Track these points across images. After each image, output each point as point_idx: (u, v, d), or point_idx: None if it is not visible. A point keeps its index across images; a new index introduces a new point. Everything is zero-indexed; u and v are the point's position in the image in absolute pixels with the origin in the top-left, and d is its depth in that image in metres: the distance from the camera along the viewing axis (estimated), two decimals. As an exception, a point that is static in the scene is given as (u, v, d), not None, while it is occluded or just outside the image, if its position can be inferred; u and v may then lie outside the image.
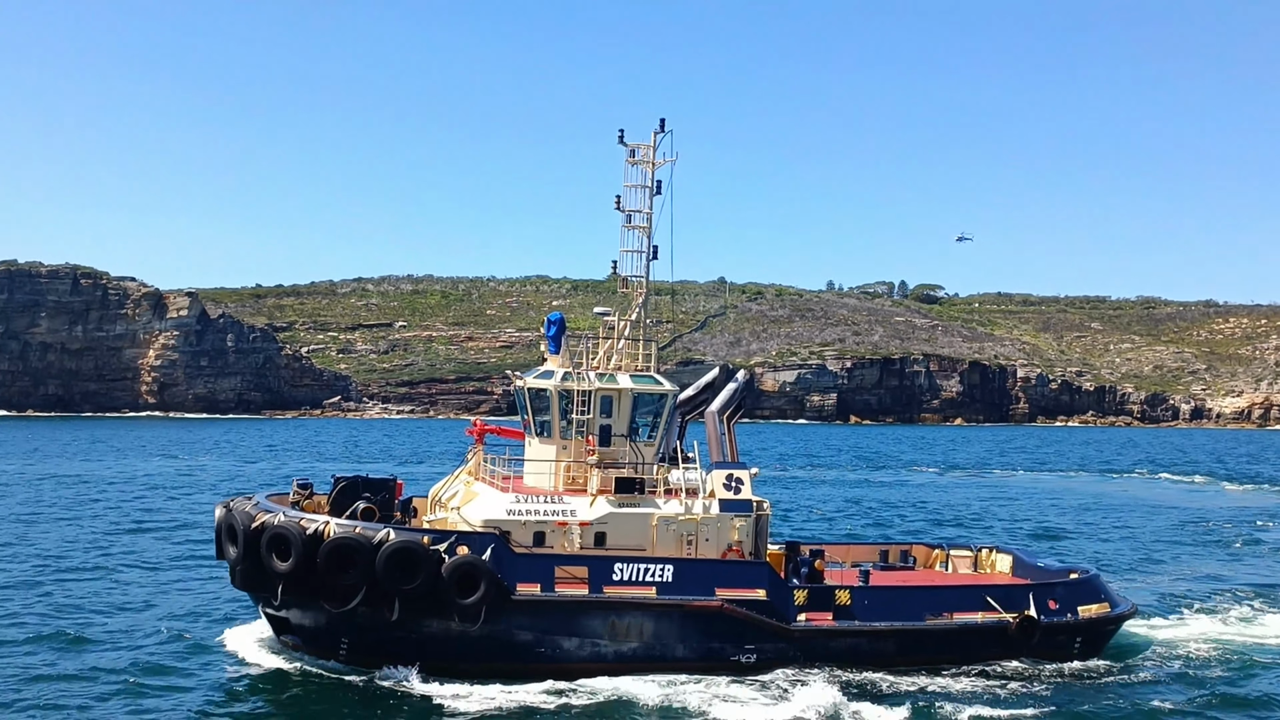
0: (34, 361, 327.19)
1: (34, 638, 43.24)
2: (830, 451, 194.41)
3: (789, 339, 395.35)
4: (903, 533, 79.81)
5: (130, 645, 42.26)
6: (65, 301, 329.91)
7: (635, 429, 43.03)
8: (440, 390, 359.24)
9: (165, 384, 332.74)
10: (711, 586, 40.03)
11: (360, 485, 41.83)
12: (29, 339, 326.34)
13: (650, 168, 44.42)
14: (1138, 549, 76.01)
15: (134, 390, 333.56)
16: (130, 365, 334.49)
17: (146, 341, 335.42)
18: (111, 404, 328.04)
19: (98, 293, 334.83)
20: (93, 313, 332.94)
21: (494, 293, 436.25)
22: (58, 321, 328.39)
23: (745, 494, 42.53)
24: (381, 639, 38.50)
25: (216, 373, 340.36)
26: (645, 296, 44.55)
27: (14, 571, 57.97)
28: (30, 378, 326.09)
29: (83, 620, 47.20)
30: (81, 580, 55.63)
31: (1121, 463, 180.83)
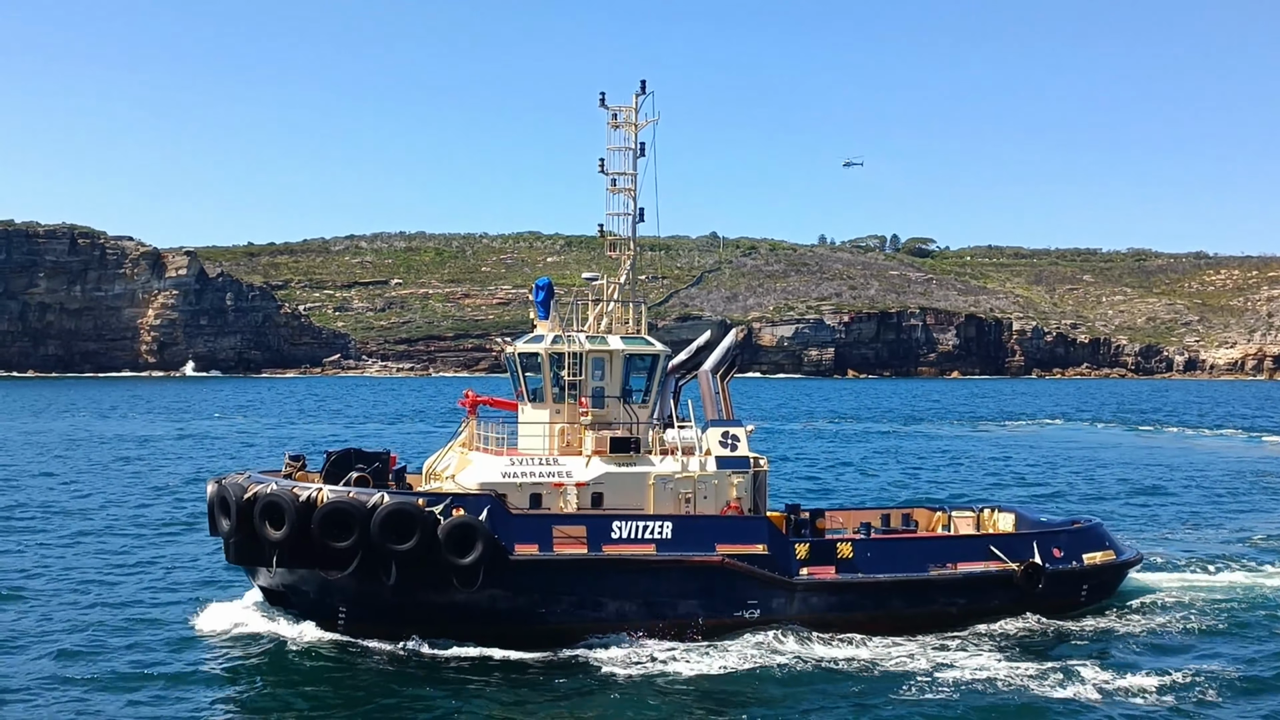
0: (33, 322, 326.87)
1: (20, 609, 42.87)
2: (867, 409, 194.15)
3: (785, 294, 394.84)
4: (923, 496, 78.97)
5: (121, 619, 41.80)
6: (63, 261, 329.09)
7: (628, 390, 42.63)
8: (439, 348, 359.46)
9: (165, 343, 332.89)
10: (711, 542, 39.70)
11: (354, 457, 41.39)
12: (28, 299, 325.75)
13: (633, 130, 43.83)
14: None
15: (133, 350, 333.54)
16: (129, 325, 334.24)
17: (145, 301, 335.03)
18: (111, 364, 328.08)
19: (95, 252, 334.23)
20: (91, 272, 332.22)
21: (488, 249, 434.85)
22: (56, 281, 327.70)
23: (742, 451, 42.26)
24: (379, 606, 38.16)
25: (216, 332, 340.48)
26: (633, 259, 44.02)
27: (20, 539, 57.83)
28: (30, 338, 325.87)
29: (73, 590, 46.96)
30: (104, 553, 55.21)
31: (1190, 417, 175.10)
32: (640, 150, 43.77)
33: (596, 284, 44.16)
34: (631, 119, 43.81)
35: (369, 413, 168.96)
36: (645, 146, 43.76)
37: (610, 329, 43.29)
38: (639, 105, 43.84)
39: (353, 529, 36.68)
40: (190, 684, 34.81)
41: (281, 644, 38.25)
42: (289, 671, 36.06)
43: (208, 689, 34.50)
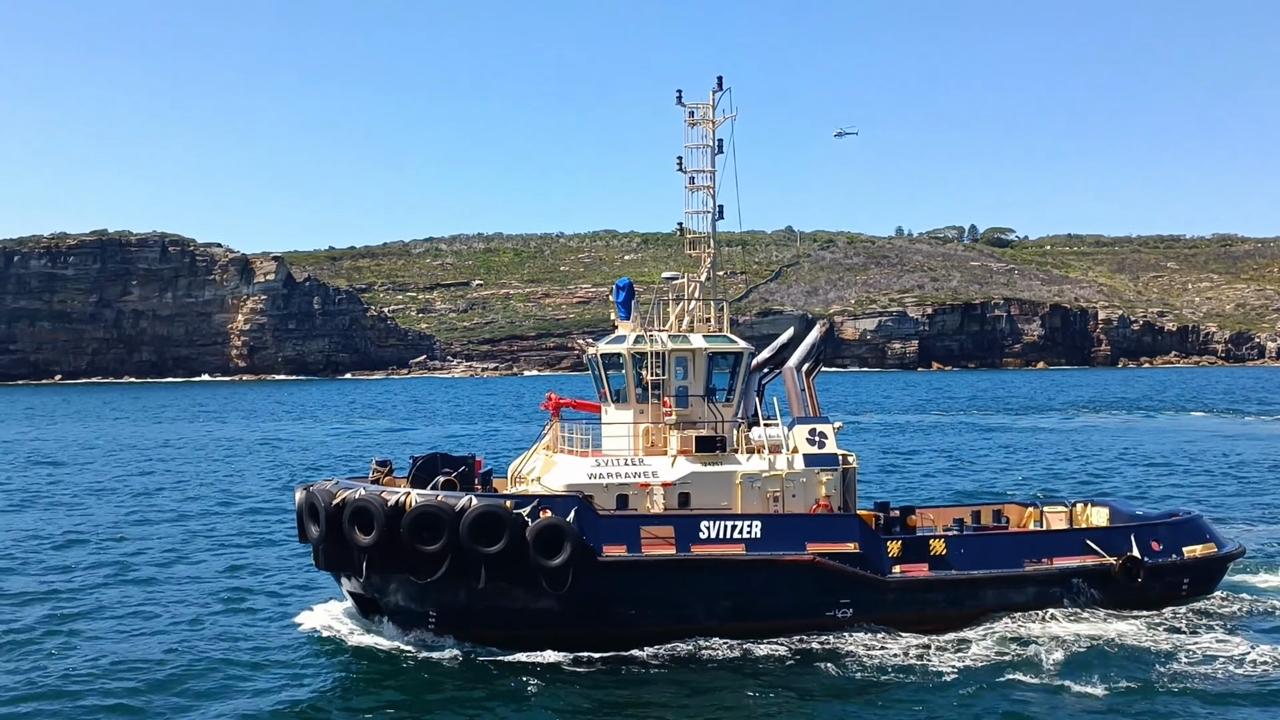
0: (127, 329, 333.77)
1: (114, 615, 43.32)
2: (954, 402, 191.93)
3: (866, 287, 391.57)
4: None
5: (214, 626, 42.05)
6: (155, 269, 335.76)
7: (712, 389, 42.06)
8: (521, 347, 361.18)
9: (255, 347, 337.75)
10: (801, 541, 38.93)
11: (439, 461, 41.46)
12: (121, 307, 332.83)
13: (710, 127, 43.20)
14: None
15: (224, 354, 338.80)
16: (220, 330, 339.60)
17: (235, 306, 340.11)
18: (203, 368, 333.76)
19: (185, 259, 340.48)
20: (181, 279, 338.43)
21: (565, 249, 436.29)
22: (148, 289, 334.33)
23: (830, 448, 41.45)
24: (469, 610, 37.97)
25: (304, 335, 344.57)
26: (713, 257, 43.42)
27: (108, 546, 58.63)
28: (124, 345, 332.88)
29: (168, 595, 47.51)
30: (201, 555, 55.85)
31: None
32: (718, 147, 43.11)
33: (677, 283, 43.66)
34: (709, 116, 43.18)
35: (454, 414, 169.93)
36: (723, 143, 43.16)
37: (692, 327, 42.69)
38: (716, 102, 43.23)
39: (442, 532, 36.44)
40: (278, 689, 34.80)
41: (372, 649, 38.16)
42: (378, 676, 35.97)
43: (296, 694, 34.44)
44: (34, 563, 53.14)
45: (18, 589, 47.40)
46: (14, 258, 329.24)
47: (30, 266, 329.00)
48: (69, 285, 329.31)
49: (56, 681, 35.27)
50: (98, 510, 69.96)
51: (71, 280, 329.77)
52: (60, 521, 65.09)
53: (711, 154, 43.09)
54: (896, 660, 36.60)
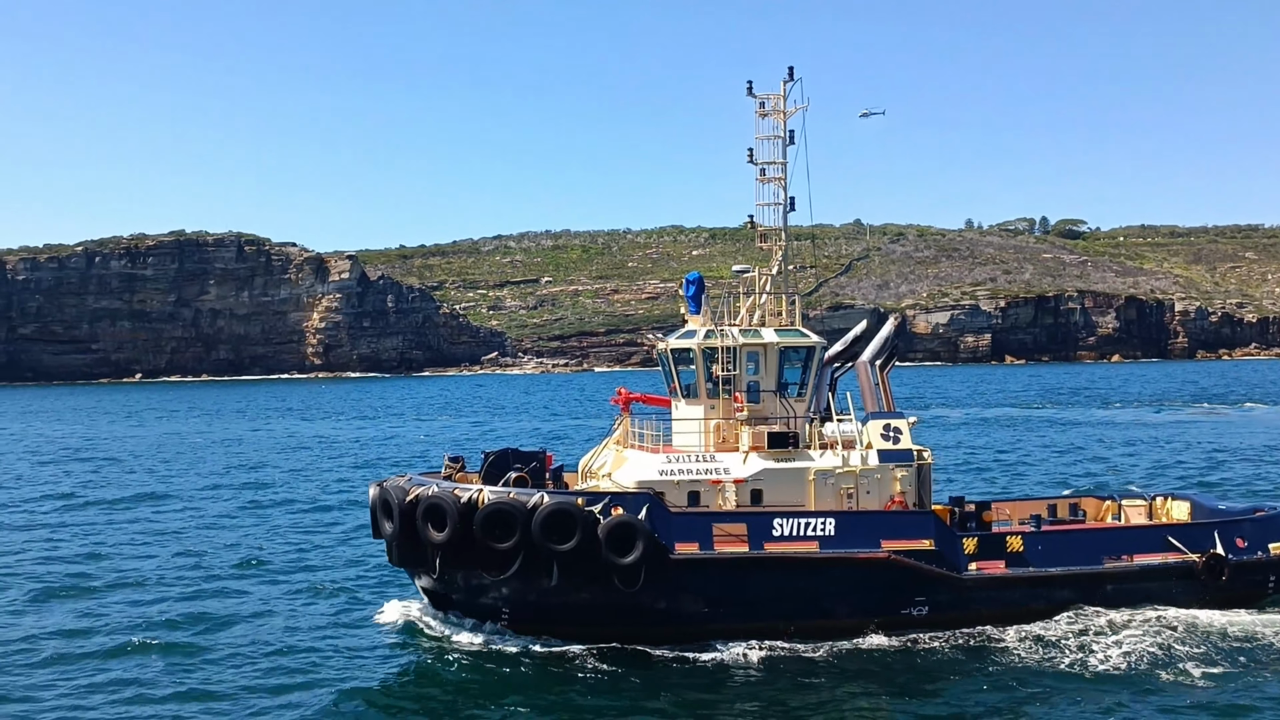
0: (205, 328, 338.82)
1: (184, 615, 43.66)
2: (1029, 395, 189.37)
3: (938, 280, 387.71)
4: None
5: (287, 622, 42.30)
6: (231, 269, 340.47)
7: (784, 384, 41.49)
8: (592, 343, 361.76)
9: (330, 345, 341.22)
10: (876, 538, 38.32)
11: (511, 457, 41.35)
12: (199, 306, 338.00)
13: (781, 118, 42.67)
14: None
15: (300, 352, 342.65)
16: (295, 328, 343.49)
17: (310, 305, 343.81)
18: (279, 366, 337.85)
19: (261, 259, 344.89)
20: (258, 278, 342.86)
21: (632, 245, 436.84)
22: (225, 288, 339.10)
23: (904, 443, 40.66)
24: (542, 606, 37.85)
25: (379, 333, 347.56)
26: (784, 249, 42.89)
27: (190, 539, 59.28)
28: (202, 344, 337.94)
29: (244, 588, 47.93)
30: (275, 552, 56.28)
31: None
32: (789, 138, 42.57)
33: (748, 276, 43.12)
34: (780, 107, 42.63)
35: (525, 409, 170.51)
36: (794, 134, 42.59)
37: (763, 321, 42.20)
38: (787, 93, 42.70)
39: (514, 530, 36.37)
40: (350, 683, 34.91)
41: (444, 645, 38.15)
42: (451, 672, 35.92)
43: (369, 688, 34.54)
44: (119, 555, 54.04)
45: (103, 579, 48.50)
46: (95, 259, 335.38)
47: (111, 267, 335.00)
48: (148, 285, 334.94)
49: (135, 672, 35.82)
50: (188, 505, 71.16)
51: (150, 280, 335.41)
52: (147, 514, 66.04)
53: (783, 145, 42.57)
54: (973, 659, 35.95)
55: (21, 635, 40.20)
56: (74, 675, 35.64)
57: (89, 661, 37.12)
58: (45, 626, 41.39)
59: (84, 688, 34.46)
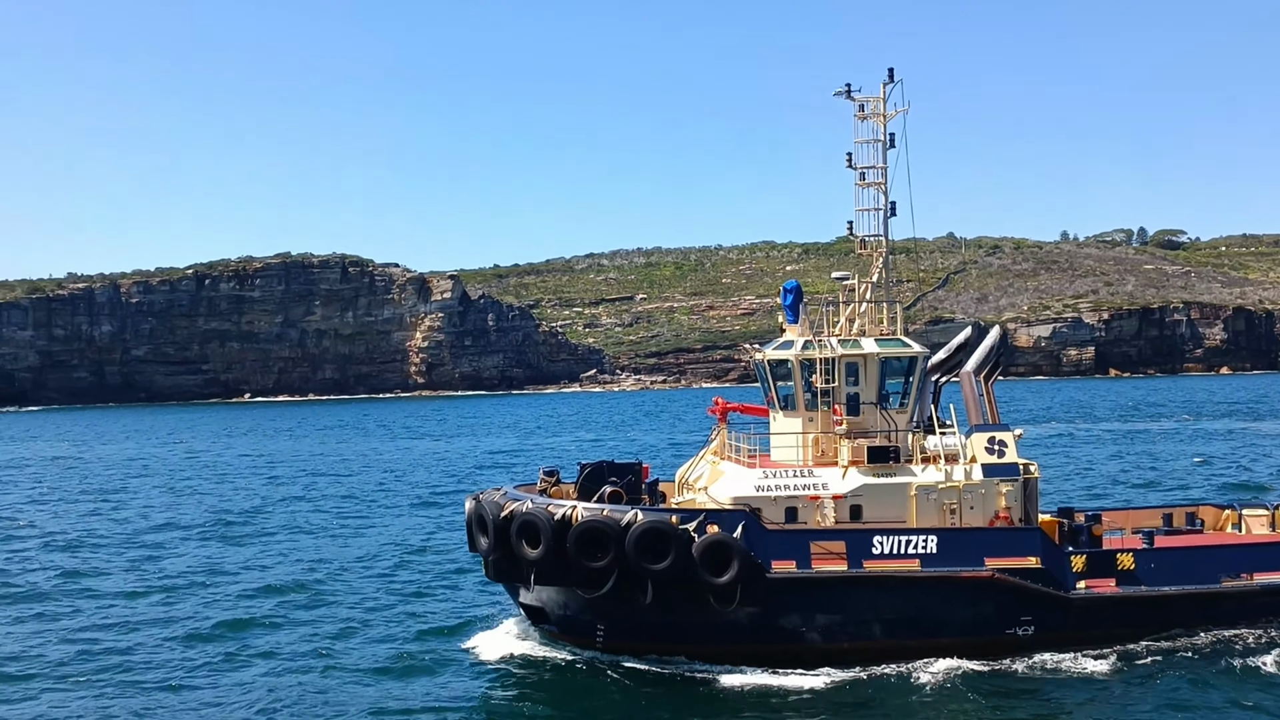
0: (311, 348, 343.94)
1: (286, 619, 43.86)
2: (1136, 407, 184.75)
3: (1038, 293, 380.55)
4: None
5: (385, 634, 42.11)
6: (336, 289, 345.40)
7: (885, 395, 40.10)
8: (688, 359, 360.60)
9: (433, 364, 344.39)
10: (980, 556, 36.81)
11: (606, 470, 40.64)
12: (305, 327, 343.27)
13: (881, 121, 41.51)
14: None
15: (403, 371, 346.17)
16: (399, 348, 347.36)
17: (413, 324, 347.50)
18: (383, 385, 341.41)
19: (365, 280, 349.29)
20: (362, 299, 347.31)
21: (725, 261, 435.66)
22: (331, 309, 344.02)
23: (1010, 457, 38.98)
24: (637, 624, 36.97)
25: (480, 351, 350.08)
26: (885, 256, 41.60)
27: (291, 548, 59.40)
28: (309, 363, 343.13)
29: (347, 592, 47.97)
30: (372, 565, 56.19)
31: None
32: (889, 141, 41.36)
33: (848, 284, 41.83)
34: (880, 109, 41.47)
35: (622, 422, 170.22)
36: (894, 137, 41.34)
37: (863, 331, 40.84)
38: (887, 95, 41.52)
39: (608, 548, 35.62)
40: (447, 696, 34.54)
41: (540, 661, 37.66)
42: (547, 689, 35.42)
43: (464, 702, 34.09)
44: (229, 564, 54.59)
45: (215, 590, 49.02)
46: (205, 281, 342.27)
47: (220, 290, 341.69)
48: (256, 306, 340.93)
49: (237, 678, 36.08)
50: (298, 520, 71.73)
51: (258, 302, 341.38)
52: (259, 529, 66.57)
53: (883, 149, 41.39)
54: (1081, 682, 34.31)
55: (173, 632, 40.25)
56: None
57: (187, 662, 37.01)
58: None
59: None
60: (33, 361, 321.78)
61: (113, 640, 41.71)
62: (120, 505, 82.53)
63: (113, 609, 46.96)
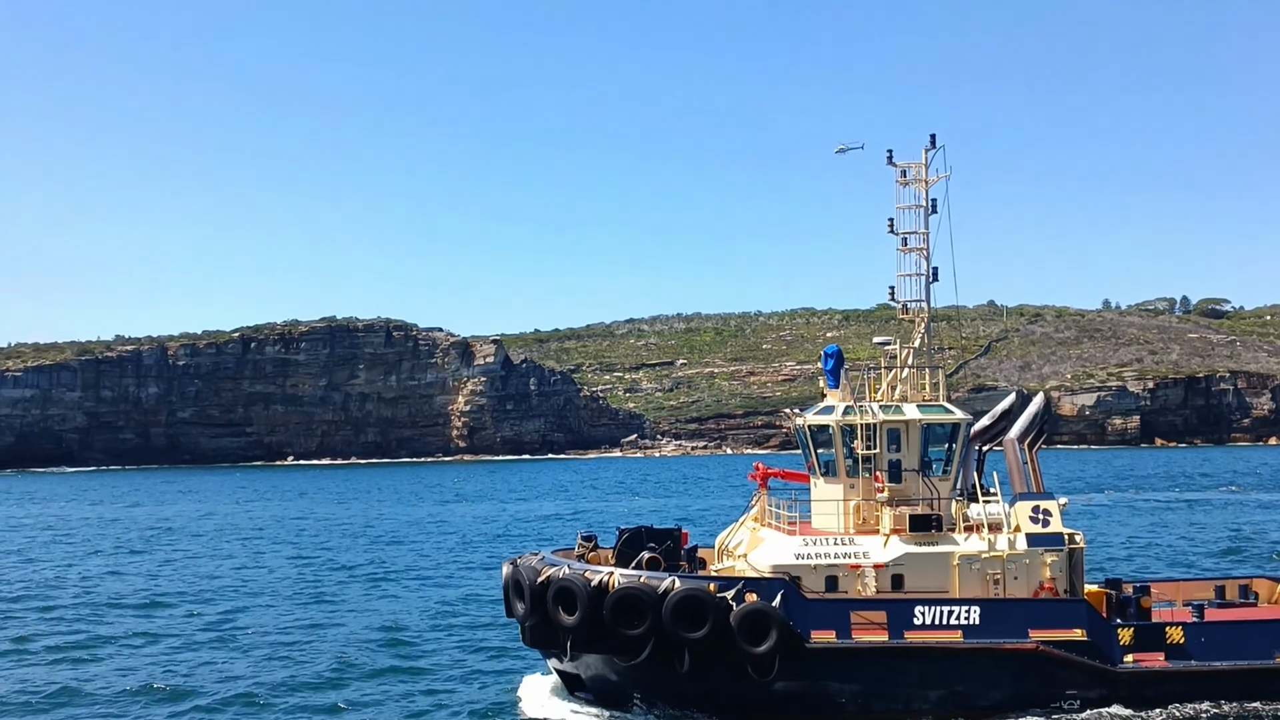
0: (354, 411, 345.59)
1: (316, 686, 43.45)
2: (1183, 477, 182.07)
3: (1082, 361, 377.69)
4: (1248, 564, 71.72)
5: (424, 698, 41.65)
6: (380, 353, 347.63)
7: (927, 463, 39.63)
8: (729, 425, 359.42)
9: (475, 428, 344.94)
10: (1024, 627, 36.16)
11: (644, 535, 40.34)
12: (349, 390, 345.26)
13: (923, 186, 41.55)
14: None
15: (445, 435, 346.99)
16: (441, 411, 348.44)
17: (456, 388, 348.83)
18: (425, 449, 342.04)
19: (409, 343, 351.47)
20: (405, 363, 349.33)
21: (765, 327, 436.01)
22: (374, 372, 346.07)
23: (1055, 526, 38.44)
24: (674, 692, 36.47)
25: (521, 415, 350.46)
26: (927, 321, 41.38)
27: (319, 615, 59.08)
28: (352, 427, 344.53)
29: (385, 650, 47.93)
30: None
31: None
32: (932, 207, 41.32)
33: (889, 348, 41.55)
34: (921, 175, 41.51)
35: (662, 488, 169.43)
36: (936, 203, 41.35)
37: (905, 397, 40.43)
38: (929, 160, 41.58)
39: (644, 615, 35.28)
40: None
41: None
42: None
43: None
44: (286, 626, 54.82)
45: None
46: (250, 344, 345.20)
47: (265, 352, 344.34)
48: (300, 370, 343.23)
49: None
50: (338, 582, 71.79)
51: (303, 365, 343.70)
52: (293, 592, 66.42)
53: (924, 214, 41.37)
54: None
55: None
56: None
57: None
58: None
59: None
60: (80, 422, 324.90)
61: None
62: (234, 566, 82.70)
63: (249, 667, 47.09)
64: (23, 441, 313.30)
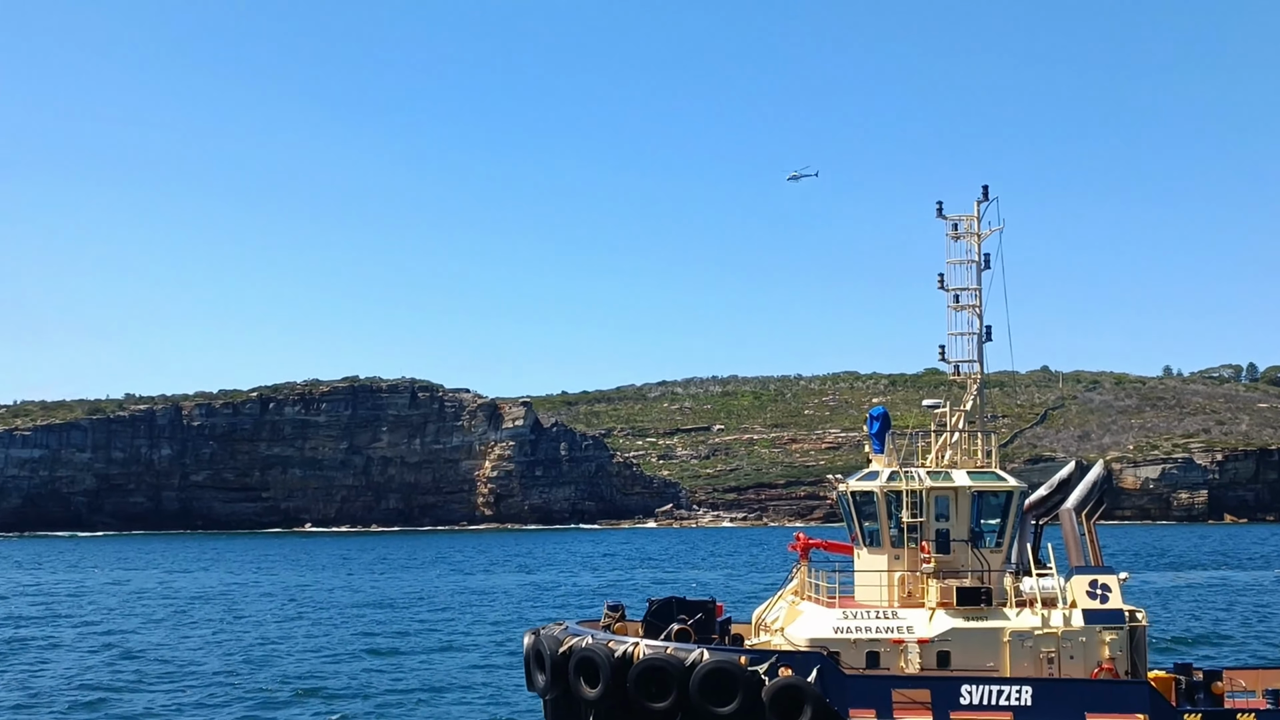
0: (375, 476, 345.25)
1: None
2: (1256, 556, 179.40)
3: (1144, 431, 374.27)
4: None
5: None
6: (404, 415, 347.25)
7: (978, 533, 39.15)
8: (770, 496, 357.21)
9: (501, 495, 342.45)
10: (1080, 710, 35.37)
11: (675, 606, 39.97)
12: (371, 454, 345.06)
13: (975, 240, 41.43)
14: None
15: (470, 502, 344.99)
16: (467, 477, 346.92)
17: (482, 453, 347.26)
18: (449, 516, 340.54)
19: (434, 405, 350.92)
20: (430, 425, 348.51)
21: (807, 391, 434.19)
22: (397, 435, 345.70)
23: (1114, 602, 37.76)
24: (700, 771, 35.83)
25: (551, 482, 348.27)
26: (980, 382, 41.09)
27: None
28: (373, 492, 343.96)
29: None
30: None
31: None
32: (984, 262, 41.24)
33: (939, 412, 41.20)
34: (973, 228, 41.41)
35: (698, 559, 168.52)
36: (989, 258, 41.24)
37: (955, 463, 40.04)
38: (981, 213, 41.48)
39: (670, 688, 35.01)
40: None
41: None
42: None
43: None
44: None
45: None
46: (269, 404, 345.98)
47: (284, 413, 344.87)
48: (321, 432, 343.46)
49: None
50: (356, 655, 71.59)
51: (323, 427, 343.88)
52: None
53: (977, 270, 41.25)
54: None
55: None
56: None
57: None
58: None
59: None
60: (89, 485, 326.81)
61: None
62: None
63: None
64: (30, 504, 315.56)
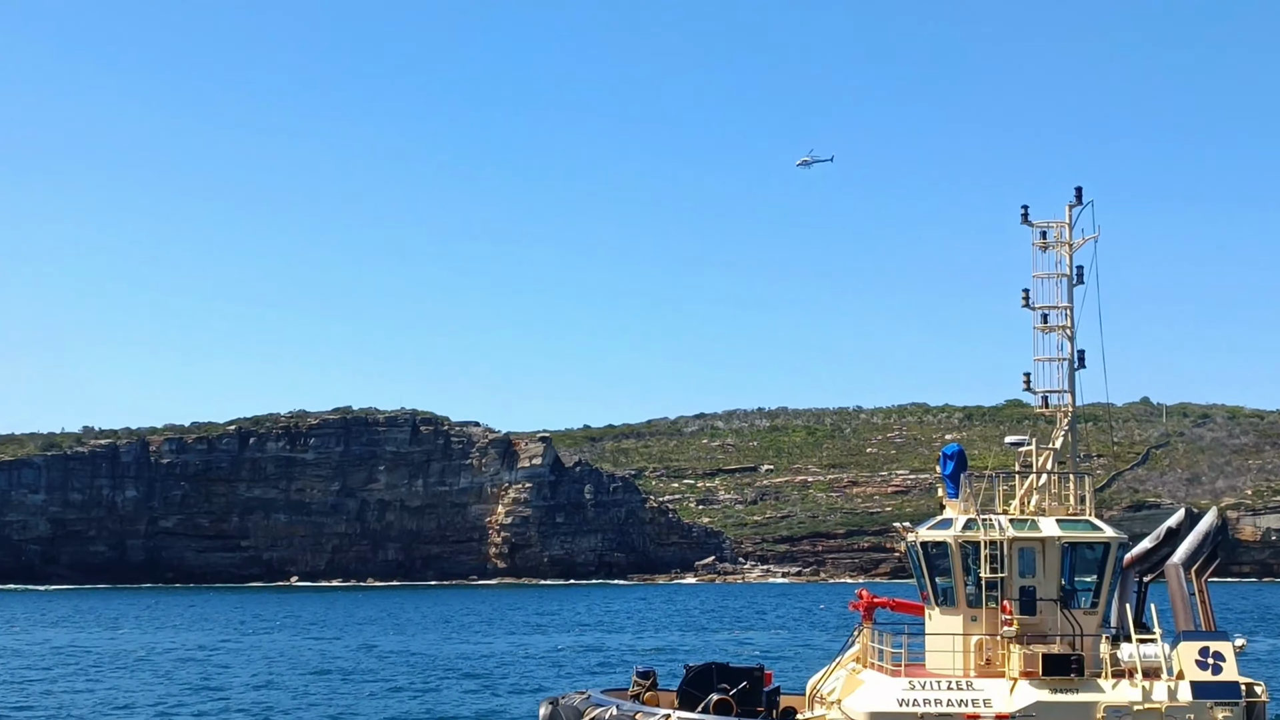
0: (371, 523, 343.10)
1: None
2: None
3: (1265, 473, 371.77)
4: None
5: None
6: (404, 452, 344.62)
7: (1069, 591, 39.26)
8: (827, 547, 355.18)
9: (517, 545, 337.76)
10: None
11: (715, 674, 40.21)
12: (366, 496, 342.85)
13: (1066, 251, 41.50)
14: None
15: (481, 553, 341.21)
16: (476, 524, 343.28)
17: (495, 495, 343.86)
18: (456, 569, 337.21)
19: (439, 440, 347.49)
20: (434, 464, 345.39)
21: (868, 426, 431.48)
22: (396, 475, 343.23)
23: (1229, 674, 37.69)
24: None
25: (574, 531, 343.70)
26: (1072, 416, 41.18)
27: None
28: (369, 541, 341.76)
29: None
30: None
31: None
32: (1076, 276, 41.24)
33: (1024, 450, 41.22)
34: (1064, 236, 41.48)
35: (748, 618, 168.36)
36: (1082, 271, 41.21)
37: (1043, 510, 40.12)
38: (1073, 219, 41.54)
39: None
40: None
41: None
42: None
43: None
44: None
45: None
46: (249, 439, 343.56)
47: (266, 450, 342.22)
48: (308, 471, 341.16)
49: None
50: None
51: (311, 465, 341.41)
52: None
53: (1068, 285, 41.33)
54: None
55: None
56: None
57: None
58: None
59: None
60: (43, 531, 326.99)
61: None
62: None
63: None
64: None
